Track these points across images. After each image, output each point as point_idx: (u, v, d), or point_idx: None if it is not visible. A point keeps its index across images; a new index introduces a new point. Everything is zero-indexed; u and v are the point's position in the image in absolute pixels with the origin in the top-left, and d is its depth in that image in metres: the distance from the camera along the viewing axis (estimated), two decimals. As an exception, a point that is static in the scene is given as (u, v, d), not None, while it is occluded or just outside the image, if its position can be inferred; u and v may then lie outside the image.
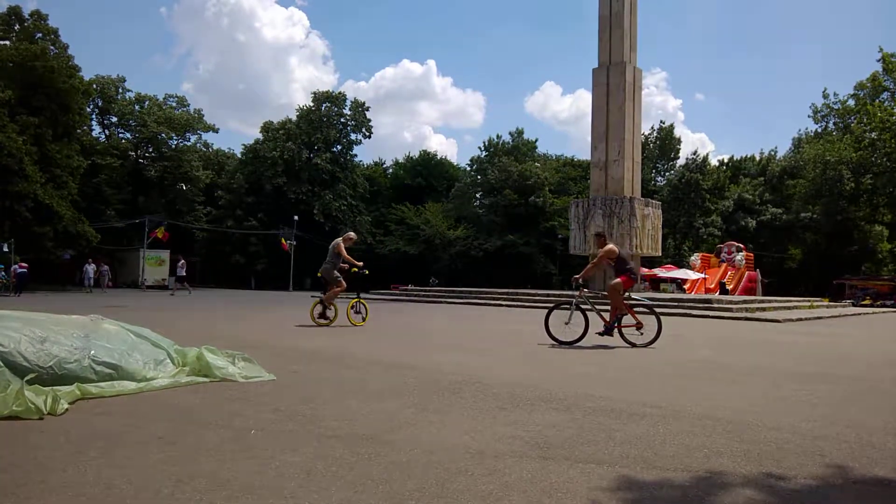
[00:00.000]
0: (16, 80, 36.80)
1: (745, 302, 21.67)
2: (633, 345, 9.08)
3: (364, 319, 12.14)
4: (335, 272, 11.81)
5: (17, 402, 3.94)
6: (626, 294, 9.49)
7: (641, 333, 9.12)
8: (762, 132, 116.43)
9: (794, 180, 55.40)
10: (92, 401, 4.49)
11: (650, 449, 3.54)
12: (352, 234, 12.73)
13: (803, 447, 3.68)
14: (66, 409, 4.14)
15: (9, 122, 33.79)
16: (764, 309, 20.38)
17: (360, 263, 12.23)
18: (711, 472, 3.16)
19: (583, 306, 9.53)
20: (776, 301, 24.44)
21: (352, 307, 12.13)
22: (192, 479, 2.86)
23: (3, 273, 28.73)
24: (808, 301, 27.32)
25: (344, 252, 11.99)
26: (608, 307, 9.39)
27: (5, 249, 29.76)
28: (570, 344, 9.06)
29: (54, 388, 4.31)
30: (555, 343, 9.17)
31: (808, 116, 55.84)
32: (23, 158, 33.42)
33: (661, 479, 3.03)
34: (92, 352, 4.87)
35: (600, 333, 9.26)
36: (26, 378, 4.26)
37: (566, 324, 9.21)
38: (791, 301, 25.81)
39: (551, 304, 10.19)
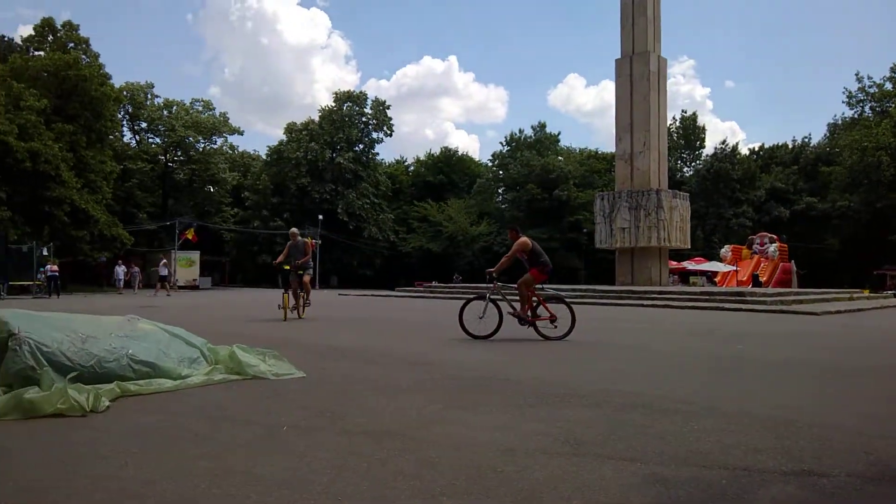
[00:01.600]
0: (51, 89, 37.77)
1: (779, 294, 21.27)
2: (547, 338, 8.96)
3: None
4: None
5: (61, 399, 4.06)
6: (540, 287, 9.40)
7: (555, 326, 9.01)
8: (795, 119, 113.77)
9: (830, 168, 53.96)
10: (131, 398, 4.60)
11: (684, 446, 3.49)
12: (294, 230, 13.78)
13: (847, 444, 3.57)
14: (108, 407, 4.26)
15: (45, 130, 34.70)
16: (800, 301, 19.96)
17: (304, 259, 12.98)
18: (750, 469, 3.09)
19: (496, 300, 9.36)
20: (813, 293, 23.90)
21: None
22: (228, 475, 2.91)
23: (41, 275, 29.45)
24: (848, 292, 26.60)
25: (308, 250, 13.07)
26: (522, 305, 9.24)
27: (45, 253, 30.55)
28: (484, 338, 8.91)
29: (95, 386, 4.43)
30: (474, 337, 8.99)
31: (843, 102, 54.16)
32: (59, 165, 34.30)
33: (697, 476, 2.97)
34: (130, 351, 4.99)
35: (512, 314, 9.18)
36: (69, 377, 4.39)
37: (480, 317, 9.03)
38: (829, 293, 25.11)
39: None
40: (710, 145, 62.22)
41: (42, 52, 41.54)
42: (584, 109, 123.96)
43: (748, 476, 2.99)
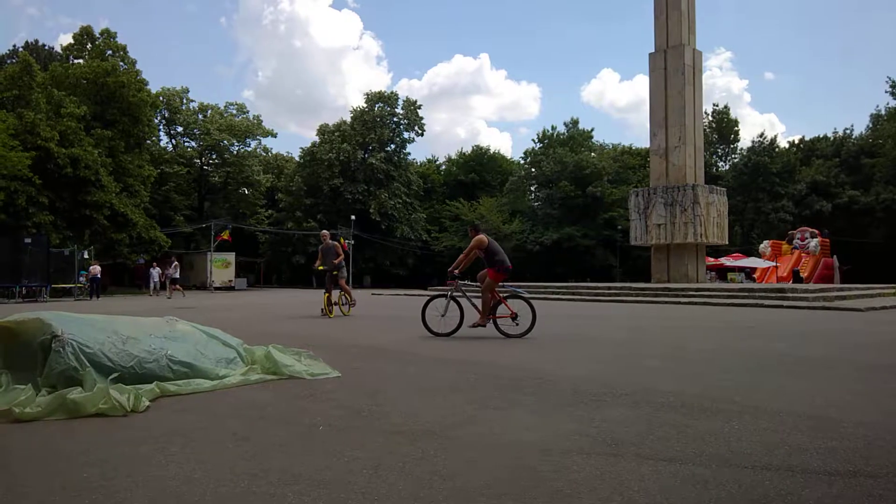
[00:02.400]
0: (90, 96, 38.79)
1: (822, 290, 20.74)
2: (508, 335, 8.90)
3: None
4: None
5: (103, 400, 4.15)
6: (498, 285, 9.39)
7: (517, 324, 8.97)
8: (836, 110, 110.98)
9: (873, 160, 52.33)
10: (170, 398, 4.68)
11: (725, 446, 3.41)
12: (324, 232, 14.59)
13: (894, 444, 3.47)
14: (148, 407, 4.34)
15: (85, 136, 35.64)
16: (844, 297, 19.43)
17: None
18: (794, 469, 3.01)
19: (458, 298, 9.42)
20: (857, 289, 23.25)
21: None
22: (266, 474, 2.94)
23: (82, 278, 30.22)
24: (893, 288, 25.80)
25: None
26: (484, 304, 9.23)
27: (86, 256, 31.31)
28: (446, 335, 8.94)
29: (136, 386, 4.53)
30: (431, 335, 9.04)
31: (886, 91, 52.36)
32: (99, 170, 35.18)
33: (739, 477, 2.91)
34: (168, 352, 5.08)
35: (473, 325, 9.17)
36: (110, 377, 4.49)
37: (442, 315, 9.12)
38: (873, 288, 24.36)
39: (619, 297, 9.99)
40: (745, 139, 60.98)
41: (81, 60, 42.64)
42: (619, 105, 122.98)
43: (792, 477, 2.91)
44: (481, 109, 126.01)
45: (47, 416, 4.04)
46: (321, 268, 13.09)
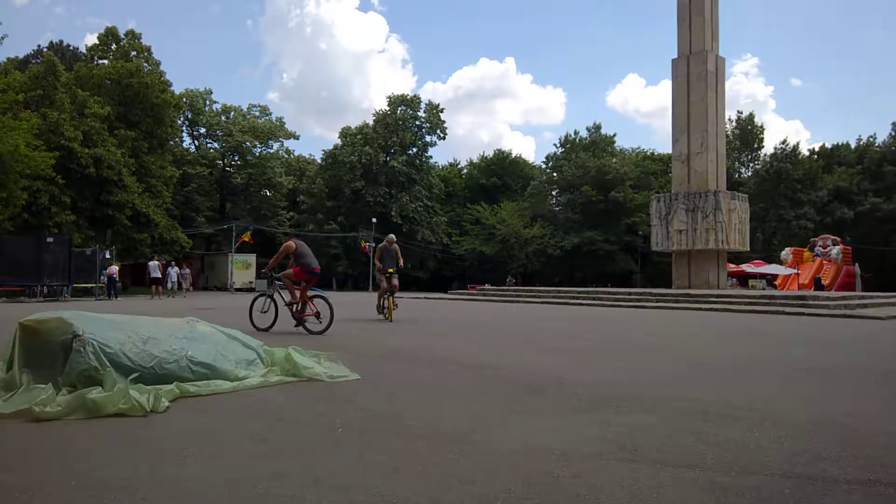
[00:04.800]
0: (114, 97, 39.28)
1: (843, 298, 20.43)
2: (311, 332, 9.75)
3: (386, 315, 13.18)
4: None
5: (123, 400, 4.17)
6: (303, 285, 10.24)
7: (320, 322, 9.87)
8: (861, 117, 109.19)
9: (896, 167, 51.62)
10: (190, 399, 4.70)
11: (746, 453, 3.38)
12: (391, 237, 14.10)
13: (916, 454, 3.42)
14: (167, 407, 4.36)
15: (108, 137, 36.10)
16: (865, 305, 19.13)
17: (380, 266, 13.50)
18: (814, 478, 2.98)
19: (271, 295, 10.61)
20: (879, 296, 22.87)
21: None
22: (285, 476, 2.96)
23: (103, 277, 30.53)
24: (916, 296, 25.40)
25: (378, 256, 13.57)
26: (291, 297, 10.27)
27: (107, 256, 31.61)
28: (265, 330, 9.85)
29: (156, 386, 4.55)
30: (257, 329, 9.86)
31: (909, 98, 51.62)
32: (121, 170, 35.62)
33: (759, 485, 2.88)
34: (189, 352, 5.11)
35: (287, 304, 10.23)
36: (130, 377, 4.50)
37: (263, 312, 10.34)
38: (895, 296, 24.08)
39: (632, 303, 9.95)
40: (769, 145, 60.31)
41: (106, 61, 43.15)
42: (643, 110, 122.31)
43: (812, 485, 2.88)
44: (506, 113, 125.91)
45: (67, 416, 4.05)
46: (391, 270, 13.12)
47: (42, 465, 3.18)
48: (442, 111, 61.70)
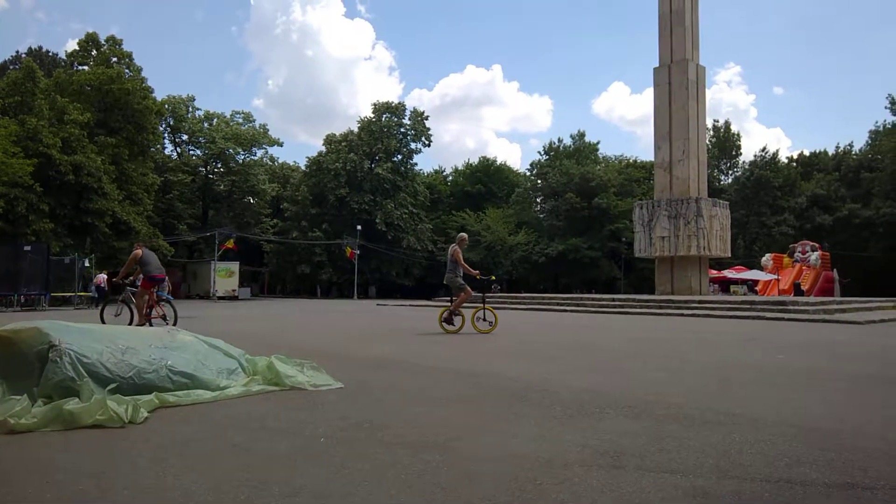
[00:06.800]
0: (94, 103, 38.91)
1: (822, 303, 20.70)
2: (167, 324, 11.24)
3: (492, 325, 11.77)
4: (459, 280, 11.72)
5: (100, 411, 4.09)
6: (152, 291, 11.72)
7: (167, 322, 11.41)
8: (840, 126, 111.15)
9: (872, 174, 52.47)
10: (170, 409, 4.64)
11: (726, 458, 3.41)
12: (463, 235, 12.56)
13: (893, 456, 3.47)
14: (146, 418, 4.30)
15: (88, 143, 35.72)
16: (844, 310, 19.40)
17: (476, 272, 11.93)
18: (793, 482, 3.01)
19: (126, 301, 12.48)
20: (856, 302, 23.23)
21: (476, 314, 11.99)
22: (267, 486, 2.93)
23: (92, 286, 30.10)
24: (892, 301, 25.81)
25: (460, 259, 11.75)
26: (140, 304, 11.59)
27: (86, 264, 31.21)
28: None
29: (135, 397, 4.48)
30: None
31: (885, 108, 52.59)
32: (102, 177, 35.26)
33: (739, 489, 2.90)
34: (168, 362, 5.05)
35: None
36: (108, 388, 4.44)
37: (116, 315, 12.50)
38: (873, 301, 24.46)
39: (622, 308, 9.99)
40: (748, 153, 61.18)
41: (86, 67, 42.74)
42: (628, 118, 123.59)
43: (791, 489, 2.91)
44: (492, 121, 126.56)
45: (43, 428, 3.98)
46: (493, 277, 12.52)
47: (17, 478, 3.12)
48: (427, 118, 61.96)
